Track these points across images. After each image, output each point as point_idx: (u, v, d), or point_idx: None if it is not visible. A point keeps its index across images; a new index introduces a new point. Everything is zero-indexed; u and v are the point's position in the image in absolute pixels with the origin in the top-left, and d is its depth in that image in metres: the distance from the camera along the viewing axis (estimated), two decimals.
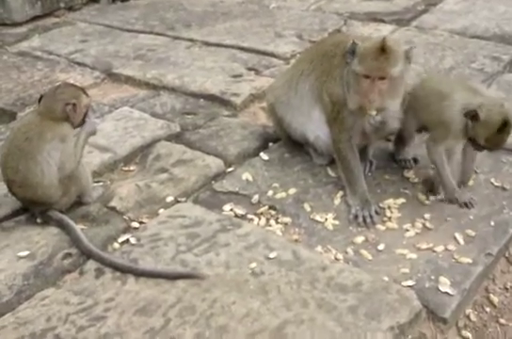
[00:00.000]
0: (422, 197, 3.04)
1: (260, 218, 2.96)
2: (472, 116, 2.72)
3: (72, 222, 2.79)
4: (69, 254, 2.67)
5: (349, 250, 2.74)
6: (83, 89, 2.96)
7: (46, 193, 2.80)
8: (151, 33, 5.46)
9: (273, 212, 3.01)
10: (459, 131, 2.80)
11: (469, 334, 2.42)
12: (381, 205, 3.02)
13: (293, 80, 3.25)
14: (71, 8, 6.04)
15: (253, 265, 2.59)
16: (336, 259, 2.68)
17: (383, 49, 2.71)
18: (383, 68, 2.72)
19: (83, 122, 2.91)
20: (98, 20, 5.81)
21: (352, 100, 2.87)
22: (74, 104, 2.82)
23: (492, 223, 2.85)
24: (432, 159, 2.95)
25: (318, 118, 3.16)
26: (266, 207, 3.02)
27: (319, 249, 2.75)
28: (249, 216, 2.98)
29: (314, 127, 3.21)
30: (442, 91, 2.90)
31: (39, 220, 2.86)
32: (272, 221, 2.95)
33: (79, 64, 4.74)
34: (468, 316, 2.51)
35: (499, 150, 2.89)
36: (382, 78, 2.74)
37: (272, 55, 4.82)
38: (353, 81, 2.83)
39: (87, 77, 4.51)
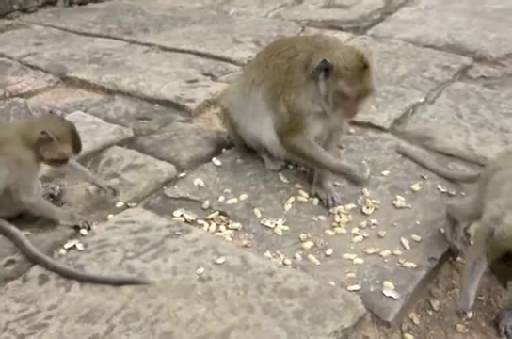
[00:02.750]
0: (369, 202, 3.09)
1: (210, 224, 2.96)
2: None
3: (13, 228, 2.74)
4: (12, 261, 2.61)
5: (297, 255, 2.77)
6: (76, 142, 2.82)
7: None
8: (107, 37, 5.42)
9: (223, 217, 3.01)
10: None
11: (411, 337, 2.45)
12: (331, 211, 3.06)
13: (245, 87, 3.27)
14: (25, 11, 5.95)
15: (201, 270, 2.59)
16: (284, 264, 2.70)
17: (365, 66, 2.80)
18: (371, 87, 2.86)
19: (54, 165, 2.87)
20: (54, 23, 5.74)
21: (336, 114, 2.95)
22: (50, 139, 2.71)
23: (438, 228, 2.91)
24: None
25: (272, 124, 3.19)
26: (217, 213, 3.03)
27: (268, 254, 2.76)
28: (200, 221, 2.98)
29: (269, 132, 3.23)
30: None
31: None
32: (222, 227, 2.95)
33: (32, 67, 4.68)
34: (411, 320, 2.54)
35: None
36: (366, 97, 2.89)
37: (229, 60, 4.84)
38: (336, 100, 2.88)
39: (40, 81, 4.45)
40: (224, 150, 3.58)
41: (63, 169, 3.00)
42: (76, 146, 2.81)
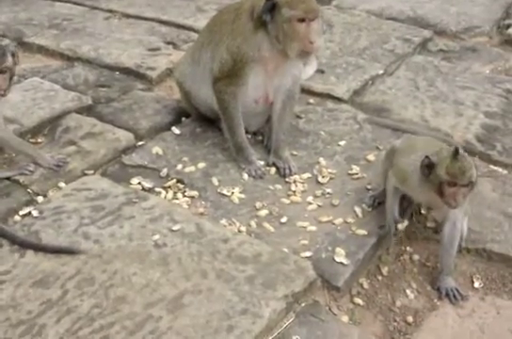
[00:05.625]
0: (325, 172, 3.15)
1: (167, 192, 2.99)
2: (427, 164, 2.46)
3: None
4: None
5: (253, 222, 2.82)
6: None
7: None
8: (67, 2, 5.27)
9: (181, 185, 3.04)
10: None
11: (360, 301, 2.55)
12: (287, 180, 3.11)
13: (195, 54, 3.28)
14: None
15: (156, 237, 2.63)
16: (239, 231, 2.75)
17: None
18: (315, 7, 2.91)
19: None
20: None
21: (292, 48, 2.90)
22: None
23: None
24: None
25: None
26: (174, 181, 3.05)
27: (223, 222, 2.81)
28: (157, 189, 3.00)
29: None
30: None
31: None
32: (179, 195, 2.98)
33: None
34: (361, 284, 2.64)
35: (464, 186, 2.42)
36: (314, 19, 2.88)
37: (191, 29, 4.77)
38: (287, 31, 2.87)
39: None
40: (184, 119, 3.58)
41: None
42: None
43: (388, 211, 2.76)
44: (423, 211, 2.99)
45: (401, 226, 2.76)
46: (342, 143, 3.40)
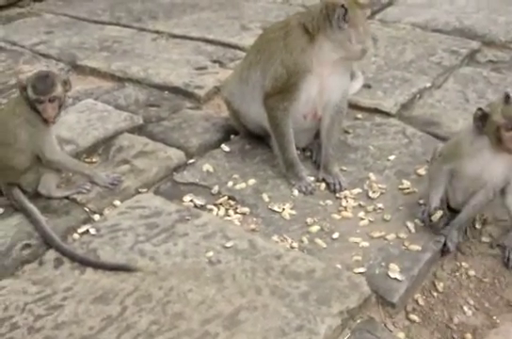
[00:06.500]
0: (375, 187, 3.14)
1: (219, 209, 3.03)
2: (480, 116, 2.60)
3: (32, 206, 2.89)
4: (28, 245, 2.71)
5: (304, 238, 2.83)
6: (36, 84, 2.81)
7: (16, 157, 2.86)
8: (117, 24, 5.46)
9: (232, 202, 3.08)
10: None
11: (416, 317, 2.52)
12: (337, 195, 3.12)
13: (243, 73, 3.33)
14: None
15: (210, 254, 2.67)
16: (291, 247, 2.76)
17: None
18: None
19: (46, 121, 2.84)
20: (64, 11, 5.79)
21: (359, 48, 3.00)
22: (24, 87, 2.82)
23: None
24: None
25: None
26: (226, 198, 3.09)
27: (275, 238, 2.83)
28: (209, 206, 3.05)
29: None
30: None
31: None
32: (231, 211, 3.02)
33: (44, 56, 4.73)
34: (416, 301, 2.61)
35: None
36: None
37: (237, 47, 4.86)
38: (351, 34, 2.95)
39: (51, 69, 4.50)
40: (233, 136, 3.64)
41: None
42: (36, 87, 2.78)
43: (429, 200, 2.81)
44: (477, 226, 2.94)
45: (434, 218, 2.81)
46: (391, 158, 3.38)
